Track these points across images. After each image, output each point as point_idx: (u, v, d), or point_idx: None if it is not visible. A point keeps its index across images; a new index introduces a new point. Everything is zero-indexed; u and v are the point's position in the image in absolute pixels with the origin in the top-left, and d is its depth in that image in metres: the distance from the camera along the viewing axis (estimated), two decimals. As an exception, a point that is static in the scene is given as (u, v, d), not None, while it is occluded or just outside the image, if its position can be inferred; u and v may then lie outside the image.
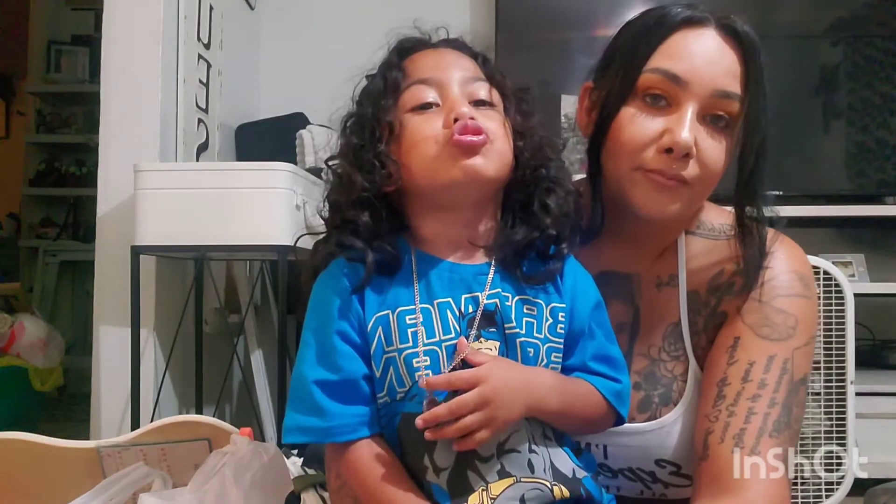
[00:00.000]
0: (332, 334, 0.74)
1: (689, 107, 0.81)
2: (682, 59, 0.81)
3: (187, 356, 1.97)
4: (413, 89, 0.76)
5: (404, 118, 0.76)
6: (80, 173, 3.99)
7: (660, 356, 0.90)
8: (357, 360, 0.74)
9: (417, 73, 0.77)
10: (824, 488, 1.30)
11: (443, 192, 0.75)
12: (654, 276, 0.92)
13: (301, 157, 2.23)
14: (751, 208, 0.88)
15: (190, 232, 1.62)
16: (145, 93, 1.84)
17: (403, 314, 0.74)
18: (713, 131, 0.82)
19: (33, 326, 2.89)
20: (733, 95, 0.82)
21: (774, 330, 0.85)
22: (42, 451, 1.15)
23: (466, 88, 0.76)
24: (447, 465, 0.71)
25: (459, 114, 0.73)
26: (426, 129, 0.74)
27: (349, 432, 0.74)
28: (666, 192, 0.82)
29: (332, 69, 2.76)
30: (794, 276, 0.88)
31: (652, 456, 0.89)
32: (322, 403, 0.73)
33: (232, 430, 1.11)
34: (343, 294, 0.75)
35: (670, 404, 0.89)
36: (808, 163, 2.52)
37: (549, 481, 0.71)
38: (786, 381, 0.82)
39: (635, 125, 0.82)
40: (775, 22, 2.54)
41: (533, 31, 2.51)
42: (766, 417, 0.80)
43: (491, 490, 0.69)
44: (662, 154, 0.81)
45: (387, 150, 0.75)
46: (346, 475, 0.76)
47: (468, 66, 0.79)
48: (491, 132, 0.74)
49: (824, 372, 1.32)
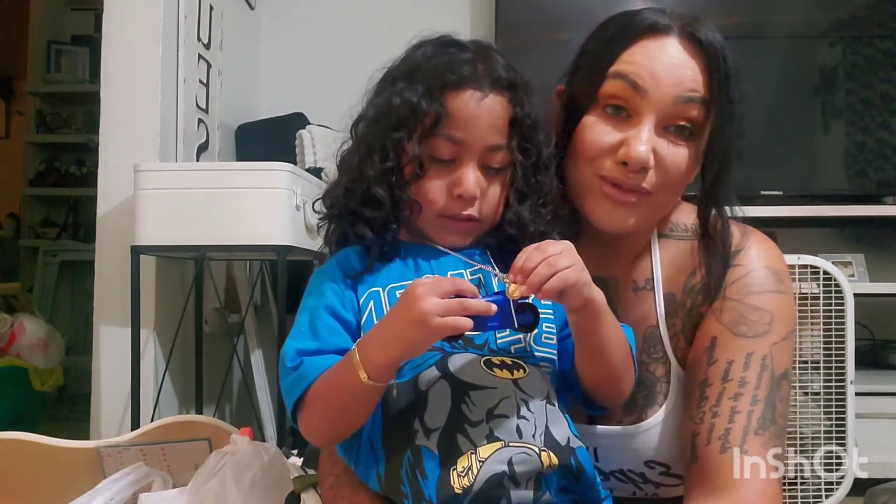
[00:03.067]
0: (321, 309, 0.78)
1: (647, 119, 0.81)
2: (642, 68, 0.82)
3: (187, 356, 1.97)
4: (443, 143, 0.79)
5: (427, 164, 0.79)
6: (80, 173, 3.99)
7: (641, 359, 0.90)
8: (342, 334, 0.77)
9: (453, 124, 0.78)
10: (824, 488, 1.31)
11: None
12: (630, 281, 0.92)
13: (301, 157, 2.23)
14: (715, 214, 0.88)
15: (190, 232, 1.63)
16: (145, 93, 1.84)
17: (394, 290, 0.78)
18: (676, 140, 0.83)
19: (33, 326, 2.89)
20: (695, 98, 0.82)
21: (751, 327, 0.85)
22: (42, 451, 1.15)
23: (485, 156, 0.80)
24: (438, 425, 0.71)
25: (464, 192, 0.78)
26: (436, 189, 0.80)
27: (320, 366, 0.74)
28: (624, 207, 0.83)
29: (332, 69, 2.79)
30: (768, 272, 0.87)
31: (641, 457, 0.89)
32: (296, 363, 0.75)
33: (232, 430, 1.12)
34: (336, 277, 0.80)
35: (655, 405, 0.89)
36: (808, 163, 2.53)
37: (538, 447, 0.71)
38: (766, 377, 0.83)
39: (595, 133, 0.83)
40: (775, 22, 2.54)
41: (533, 31, 2.51)
42: (749, 415, 0.81)
43: (479, 453, 0.69)
44: (619, 165, 0.82)
45: (408, 189, 0.79)
46: (312, 404, 0.75)
47: (499, 122, 0.80)
48: (483, 211, 0.80)
49: (824, 372, 1.32)
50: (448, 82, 0.78)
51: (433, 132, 0.78)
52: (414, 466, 0.71)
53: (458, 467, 0.69)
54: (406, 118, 0.78)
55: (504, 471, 0.69)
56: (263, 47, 2.75)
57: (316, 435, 0.79)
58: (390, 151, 0.78)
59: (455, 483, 0.68)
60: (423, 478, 0.70)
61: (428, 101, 0.78)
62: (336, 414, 0.74)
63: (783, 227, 2.22)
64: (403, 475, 0.71)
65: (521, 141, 0.81)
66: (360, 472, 0.78)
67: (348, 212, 0.81)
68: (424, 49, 0.82)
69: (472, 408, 0.72)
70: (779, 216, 2.24)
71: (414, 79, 0.79)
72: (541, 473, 0.70)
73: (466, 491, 0.68)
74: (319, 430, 0.77)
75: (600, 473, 0.89)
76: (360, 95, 0.84)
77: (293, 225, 1.66)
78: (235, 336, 2.12)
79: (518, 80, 0.82)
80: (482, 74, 0.79)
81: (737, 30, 2.49)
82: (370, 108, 0.82)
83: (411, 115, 0.78)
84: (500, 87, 0.80)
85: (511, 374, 0.75)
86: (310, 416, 0.76)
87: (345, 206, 0.81)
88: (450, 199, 0.79)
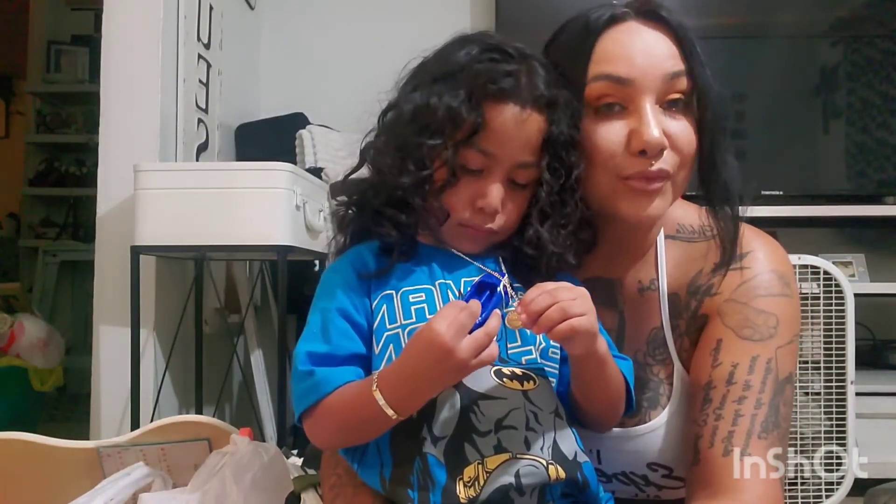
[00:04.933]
0: (333, 311, 0.77)
1: (644, 102, 0.80)
2: (619, 60, 0.80)
3: (187, 356, 1.97)
4: (475, 154, 0.77)
5: (459, 173, 0.77)
6: (80, 173, 3.99)
7: (645, 360, 0.90)
8: (354, 338, 0.77)
9: (488, 137, 0.76)
10: (824, 488, 1.31)
11: None
12: (635, 281, 0.92)
13: (301, 157, 2.23)
14: (716, 186, 0.86)
15: (190, 232, 1.62)
16: (145, 93, 1.84)
17: (407, 293, 0.78)
18: (674, 114, 0.82)
19: (33, 326, 2.88)
20: (680, 73, 0.81)
21: (756, 331, 0.84)
22: (42, 451, 1.15)
23: (513, 171, 0.78)
24: (446, 434, 0.71)
25: (486, 206, 0.77)
26: (461, 199, 0.78)
27: (333, 381, 0.74)
28: (652, 196, 0.82)
29: (332, 69, 2.79)
30: (774, 276, 0.87)
31: (644, 459, 0.89)
32: (309, 369, 0.75)
33: (232, 430, 1.11)
34: (348, 277, 0.79)
35: (658, 407, 0.89)
36: (808, 163, 2.53)
37: (546, 460, 0.71)
38: (770, 380, 0.82)
39: (599, 136, 0.81)
40: (775, 22, 2.54)
41: (533, 31, 2.50)
42: (753, 419, 0.80)
43: (487, 464, 0.69)
44: (636, 157, 0.80)
45: (439, 197, 0.78)
46: (324, 417, 0.74)
47: (533, 140, 0.78)
48: (501, 224, 0.79)
49: (824, 372, 1.32)
50: (490, 92, 0.76)
51: (467, 142, 0.76)
52: (423, 473, 0.71)
53: (464, 477, 0.69)
54: (444, 125, 0.76)
55: (511, 482, 0.69)
56: (263, 47, 2.75)
57: (323, 443, 0.80)
58: (426, 159, 0.76)
59: (461, 493, 0.68)
60: (433, 485, 0.70)
61: (468, 109, 0.75)
62: (349, 432, 0.75)
63: (783, 227, 2.22)
64: (413, 481, 0.71)
65: (551, 160, 0.79)
66: (363, 473, 0.77)
67: (374, 210, 0.80)
68: (468, 49, 0.79)
69: (480, 417, 0.71)
70: (779, 216, 2.24)
71: (455, 82, 0.77)
72: (546, 485, 0.70)
73: (472, 501, 0.68)
74: (328, 439, 0.78)
75: (603, 475, 0.89)
76: (360, 95, 0.82)
77: (293, 225, 1.66)
78: (235, 336, 2.12)
79: (559, 97, 0.79)
80: (525, 89, 0.77)
81: (737, 30, 2.50)
82: (406, 104, 0.79)
83: (450, 121, 0.75)
84: (541, 105, 0.77)
85: (521, 385, 0.74)
86: (319, 426, 0.75)
87: (372, 204, 0.80)
88: (472, 210, 0.78)
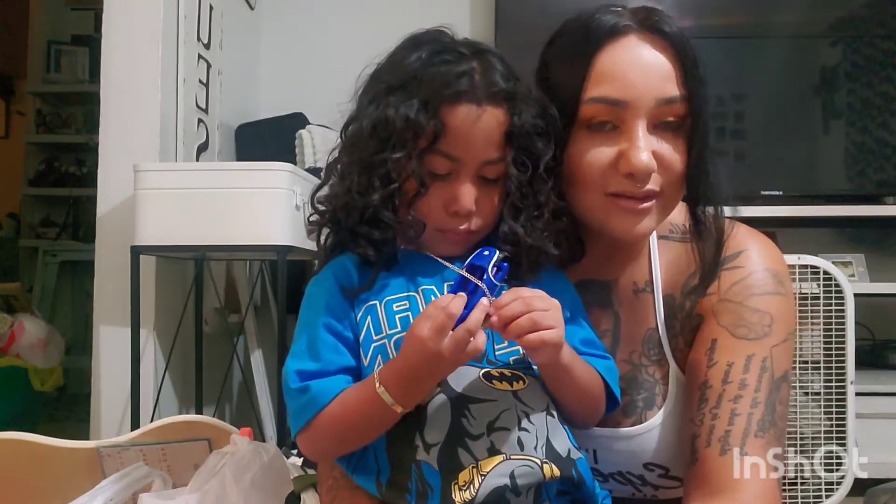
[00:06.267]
0: (319, 327, 0.77)
1: (637, 125, 0.79)
2: (616, 81, 0.79)
3: (187, 356, 1.97)
4: (439, 159, 0.77)
5: (427, 181, 0.77)
6: (80, 173, 3.99)
7: (641, 361, 0.90)
8: (342, 352, 0.77)
9: (449, 140, 0.76)
10: (824, 488, 1.31)
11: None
12: (630, 283, 0.92)
13: (301, 157, 2.23)
14: (703, 202, 0.87)
15: (190, 232, 1.63)
16: (145, 93, 1.85)
17: (391, 302, 0.78)
18: (666, 135, 0.81)
19: (33, 326, 2.89)
20: (675, 99, 0.80)
21: (751, 329, 0.84)
22: (42, 451, 1.15)
23: (481, 169, 0.78)
24: (438, 440, 0.71)
25: (461, 209, 0.77)
26: (433, 206, 0.78)
27: (331, 391, 0.74)
28: (641, 214, 0.82)
29: (332, 69, 2.78)
30: (768, 274, 0.87)
31: (640, 459, 0.89)
32: (301, 385, 0.75)
33: (232, 430, 1.11)
34: (332, 291, 0.79)
35: (654, 408, 0.89)
36: (808, 163, 2.53)
37: (540, 459, 0.71)
38: (766, 379, 0.82)
39: (589, 157, 0.81)
40: (775, 22, 2.54)
41: (533, 31, 2.50)
42: (749, 417, 0.80)
43: (481, 467, 0.69)
44: (626, 178, 0.80)
45: (410, 209, 0.78)
46: (322, 426, 0.75)
47: (495, 136, 0.77)
48: (478, 224, 0.79)
49: (824, 372, 1.32)
50: (445, 97, 0.75)
51: (430, 149, 0.76)
52: (420, 480, 0.71)
53: (459, 481, 0.69)
54: (405, 136, 0.75)
55: (506, 484, 0.69)
56: (263, 47, 2.75)
57: (322, 453, 0.81)
58: (392, 173, 0.76)
59: (457, 497, 0.68)
60: (431, 491, 0.70)
61: (426, 116, 0.75)
62: (352, 436, 0.75)
63: (783, 227, 2.23)
64: (412, 487, 0.71)
65: (517, 153, 0.78)
66: (358, 477, 0.77)
67: (347, 230, 0.79)
68: (419, 53, 0.78)
69: (472, 421, 0.71)
70: (779, 216, 2.24)
71: (409, 91, 0.76)
72: (541, 484, 0.70)
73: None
74: (326, 449, 0.78)
75: (599, 475, 0.89)
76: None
77: (293, 225, 1.66)
78: (235, 336, 2.12)
79: (517, 89, 0.78)
80: (479, 86, 0.76)
81: (737, 30, 2.50)
82: (363, 119, 0.79)
83: (410, 132, 0.75)
84: (499, 100, 0.77)
85: (510, 385, 0.74)
86: (318, 437, 0.76)
87: (344, 223, 0.79)
88: (446, 215, 0.78)
